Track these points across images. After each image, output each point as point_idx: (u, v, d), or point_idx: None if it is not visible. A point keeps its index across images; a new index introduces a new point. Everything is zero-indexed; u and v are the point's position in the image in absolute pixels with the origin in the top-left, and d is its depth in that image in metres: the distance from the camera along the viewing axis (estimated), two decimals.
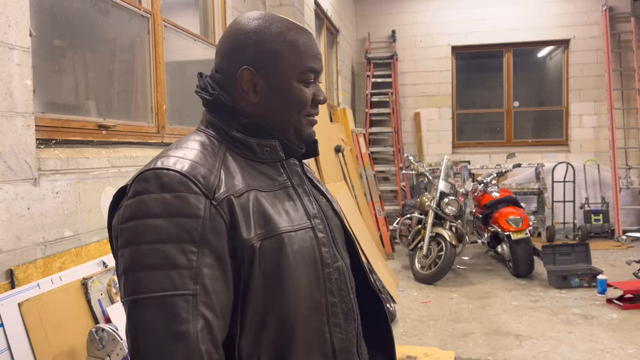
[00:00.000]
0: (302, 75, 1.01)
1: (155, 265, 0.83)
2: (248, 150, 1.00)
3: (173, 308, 0.82)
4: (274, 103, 1.01)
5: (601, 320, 4.29)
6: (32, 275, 1.89)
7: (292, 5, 4.78)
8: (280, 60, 1.00)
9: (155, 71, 3.01)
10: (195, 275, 0.83)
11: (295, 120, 1.03)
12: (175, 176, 0.87)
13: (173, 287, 0.82)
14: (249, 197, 0.93)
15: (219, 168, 0.93)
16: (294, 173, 1.06)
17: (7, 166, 1.82)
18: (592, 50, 8.11)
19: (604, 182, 7.80)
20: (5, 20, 1.84)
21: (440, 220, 5.78)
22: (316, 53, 1.04)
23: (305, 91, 1.02)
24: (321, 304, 0.97)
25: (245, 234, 0.90)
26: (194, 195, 0.87)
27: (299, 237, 0.95)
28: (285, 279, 0.92)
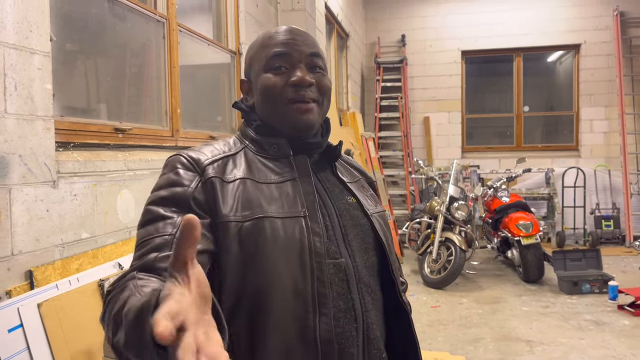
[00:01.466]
0: (267, 65, 1.09)
1: (148, 220, 0.98)
2: (260, 147, 1.10)
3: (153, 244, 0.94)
4: (257, 100, 1.12)
5: (613, 326, 4.27)
6: (50, 277, 1.92)
7: (303, 10, 4.81)
8: (252, 62, 1.14)
9: (170, 75, 3.04)
10: (174, 224, 0.96)
11: (279, 110, 1.08)
12: (180, 159, 1.05)
13: (157, 231, 0.95)
14: (239, 184, 1.03)
15: (219, 159, 1.07)
16: (302, 169, 1.09)
17: (27, 169, 1.85)
18: (603, 55, 8.08)
19: (614, 187, 7.76)
20: (27, 25, 1.88)
21: (450, 224, 5.77)
22: (282, 40, 1.09)
23: (272, 78, 1.07)
24: (306, 291, 0.97)
25: (223, 210, 1.00)
26: (188, 172, 1.03)
27: (285, 223, 1.00)
28: (262, 260, 0.97)
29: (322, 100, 1.11)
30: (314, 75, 1.09)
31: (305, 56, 1.09)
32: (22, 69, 1.85)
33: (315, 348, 0.96)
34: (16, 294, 1.77)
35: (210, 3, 3.98)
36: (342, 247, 1.04)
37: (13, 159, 1.80)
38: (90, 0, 2.47)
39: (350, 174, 1.23)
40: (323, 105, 1.12)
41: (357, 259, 1.06)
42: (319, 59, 1.11)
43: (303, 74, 1.07)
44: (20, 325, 1.70)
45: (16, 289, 1.79)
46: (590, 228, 7.53)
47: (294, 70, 1.07)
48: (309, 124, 1.08)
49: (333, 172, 1.17)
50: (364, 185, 1.24)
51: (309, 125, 1.08)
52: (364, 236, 1.10)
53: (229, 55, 4.00)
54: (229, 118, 4.06)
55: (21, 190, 1.83)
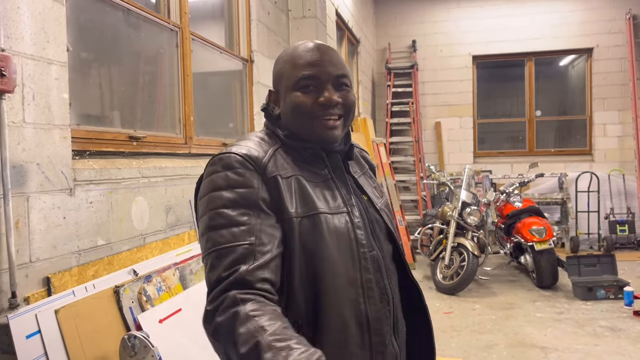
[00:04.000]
0: (297, 84, 1.15)
1: (221, 225, 1.03)
2: (295, 151, 1.18)
3: (235, 254, 1.00)
4: (286, 113, 1.18)
5: (628, 332, 4.22)
6: (67, 283, 1.94)
7: (314, 17, 4.84)
8: (281, 78, 1.20)
9: (183, 83, 3.08)
10: (251, 230, 1.03)
11: (307, 125, 1.15)
12: (235, 157, 1.09)
13: (235, 239, 1.02)
14: (293, 181, 1.11)
15: (270, 154, 1.13)
16: (336, 168, 1.20)
17: (45, 177, 1.88)
18: (616, 59, 8.02)
19: (629, 192, 7.67)
20: (45, 36, 1.91)
21: (462, 230, 5.75)
22: (310, 61, 1.15)
23: (301, 97, 1.15)
24: (356, 278, 1.10)
25: (290, 207, 1.08)
26: (249, 171, 1.07)
27: (335, 219, 1.11)
28: (321, 252, 1.07)
29: (348, 115, 1.20)
30: (341, 92, 1.17)
31: (333, 77, 1.16)
32: (39, 79, 1.88)
33: (368, 327, 1.10)
34: (34, 301, 1.80)
35: (223, 11, 4.02)
36: (372, 240, 1.17)
37: (31, 167, 1.83)
38: (106, 11, 2.51)
39: (359, 164, 1.34)
40: (348, 118, 1.21)
41: (384, 249, 1.20)
42: (346, 79, 1.18)
43: (330, 95, 1.14)
44: (38, 332, 1.72)
45: (34, 295, 1.82)
46: (604, 233, 7.45)
47: (322, 91, 1.15)
48: (335, 138, 1.17)
49: (347, 171, 1.25)
50: (371, 176, 1.36)
51: (335, 140, 1.18)
52: (380, 228, 1.23)
53: (240, 62, 4.03)
54: (241, 125, 4.09)
55: (39, 198, 1.86)
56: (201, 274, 2.60)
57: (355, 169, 1.30)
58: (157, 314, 2.17)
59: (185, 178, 2.83)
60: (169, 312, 2.24)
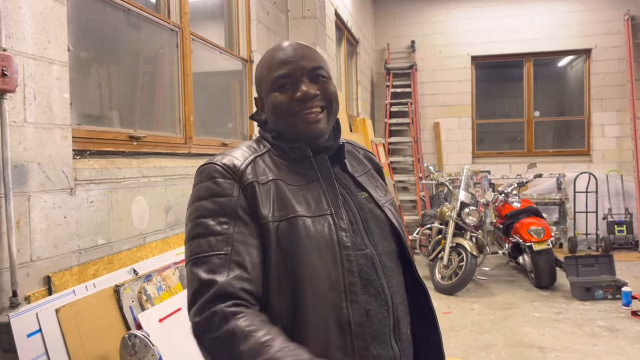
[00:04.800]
0: (273, 85, 1.16)
1: (200, 234, 1.05)
2: (281, 151, 1.18)
3: (210, 264, 1.02)
4: (269, 117, 1.20)
5: (626, 333, 4.23)
6: (68, 282, 1.95)
7: (314, 18, 4.84)
8: (261, 82, 1.21)
9: (183, 83, 3.08)
10: (228, 240, 1.04)
11: (289, 123, 1.16)
12: (214, 167, 1.11)
13: (211, 249, 1.03)
14: (271, 185, 1.11)
15: (250, 162, 1.13)
16: (322, 169, 1.18)
17: (45, 176, 1.89)
18: (614, 60, 8.04)
19: (627, 192, 7.69)
20: (46, 36, 1.92)
21: (461, 230, 5.76)
22: (283, 59, 1.16)
23: (279, 96, 1.15)
24: (338, 282, 1.08)
25: (263, 213, 1.08)
26: (227, 181, 1.09)
27: (315, 222, 1.09)
28: (299, 256, 1.06)
29: (330, 106, 1.18)
30: (318, 84, 1.16)
31: (307, 71, 1.16)
32: (40, 79, 1.89)
33: (350, 331, 1.08)
34: (35, 300, 1.81)
35: (222, 11, 4.02)
36: (365, 239, 1.15)
37: (32, 166, 1.84)
38: (106, 11, 2.51)
39: (360, 163, 1.32)
40: (332, 110, 1.19)
41: (379, 247, 1.17)
42: (321, 70, 1.18)
43: (307, 88, 1.14)
44: (39, 331, 1.73)
45: (35, 294, 1.82)
46: (602, 233, 7.47)
47: (298, 86, 1.15)
48: (319, 132, 1.16)
49: (344, 169, 1.24)
50: (374, 175, 1.33)
51: (319, 133, 1.16)
52: (381, 226, 1.21)
53: (240, 62, 4.04)
54: (240, 125, 4.09)
55: (40, 197, 1.86)
56: None
57: (355, 167, 1.28)
58: (157, 313, 2.18)
59: (185, 178, 2.84)
60: (169, 311, 2.24)
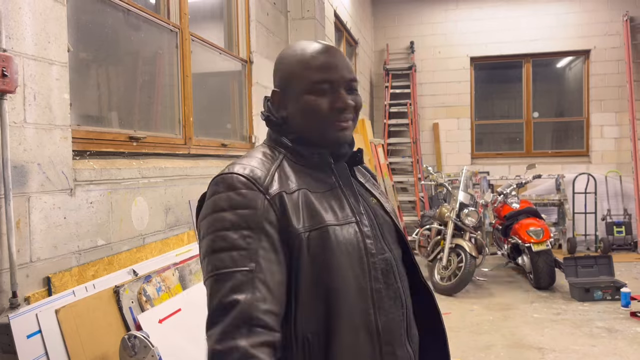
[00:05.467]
0: (312, 87, 1.13)
1: (222, 248, 1.01)
2: (301, 157, 1.15)
3: (234, 281, 0.98)
4: (296, 116, 1.16)
5: (625, 334, 4.24)
6: (67, 283, 1.95)
7: (313, 19, 4.85)
8: (292, 78, 1.16)
9: (182, 84, 3.08)
10: (251, 256, 1.00)
11: (321, 129, 1.14)
12: (238, 177, 1.06)
13: (234, 264, 0.99)
14: (299, 195, 1.08)
15: (273, 172, 1.10)
16: (342, 176, 1.18)
17: (45, 177, 1.89)
18: (613, 61, 8.06)
19: (626, 193, 7.71)
20: (46, 37, 1.92)
21: (460, 231, 5.76)
22: (325, 63, 1.14)
23: (317, 100, 1.13)
24: (366, 289, 1.09)
25: (295, 224, 1.05)
26: (252, 192, 1.04)
27: (343, 230, 1.09)
28: (331, 265, 1.06)
29: (356, 117, 1.21)
30: (351, 96, 1.17)
31: (346, 81, 1.16)
32: (40, 80, 1.89)
33: (378, 338, 1.09)
34: (34, 301, 1.81)
35: (222, 12, 4.02)
36: (383, 243, 1.16)
37: (32, 167, 1.84)
38: (106, 11, 2.51)
39: (362, 174, 1.33)
40: (356, 121, 1.21)
41: (394, 252, 1.19)
42: (356, 83, 1.20)
43: (346, 99, 1.14)
44: (38, 331, 1.72)
45: (34, 295, 1.82)
46: (601, 234, 7.48)
47: (337, 95, 1.14)
48: (347, 140, 1.18)
49: (354, 176, 1.25)
50: (375, 184, 1.35)
51: (348, 141, 1.19)
52: (390, 231, 1.22)
53: (240, 63, 4.04)
54: (239, 126, 4.09)
55: (39, 198, 1.86)
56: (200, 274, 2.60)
57: (359, 176, 1.30)
58: (156, 314, 2.18)
59: (184, 178, 2.84)
60: (169, 312, 2.24)
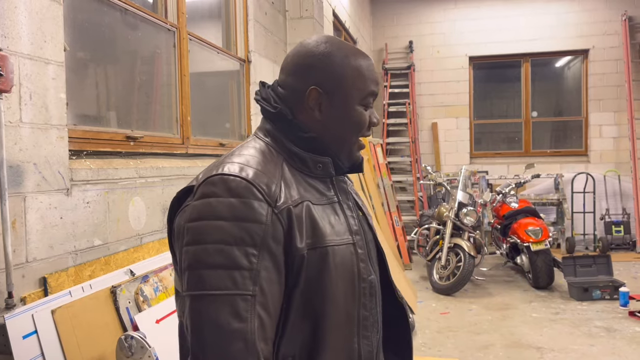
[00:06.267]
0: (364, 99, 1.08)
1: (220, 264, 0.88)
2: (302, 164, 1.05)
3: (234, 306, 0.87)
4: (335, 122, 1.06)
5: (624, 333, 4.24)
6: (64, 283, 1.94)
7: (311, 18, 4.84)
8: (344, 83, 1.05)
9: (180, 83, 3.07)
10: (254, 277, 0.89)
11: (350, 140, 1.09)
12: (242, 182, 0.93)
13: (235, 286, 0.88)
14: (302, 208, 0.98)
15: (279, 178, 0.99)
16: (341, 190, 1.11)
17: (42, 177, 1.88)
18: (611, 60, 8.05)
19: (624, 193, 7.71)
20: (42, 36, 1.91)
21: (459, 230, 5.76)
22: (376, 77, 1.11)
23: (364, 114, 1.08)
24: (353, 315, 1.03)
25: (298, 244, 0.95)
26: (258, 202, 0.92)
27: (341, 251, 1.00)
28: (326, 288, 0.98)
29: None
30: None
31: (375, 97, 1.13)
32: (36, 79, 1.88)
33: None
34: (30, 301, 1.80)
35: (220, 12, 4.02)
36: (370, 264, 1.09)
37: (28, 167, 1.83)
38: (103, 10, 2.50)
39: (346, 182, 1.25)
40: None
41: (377, 272, 1.12)
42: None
43: (378, 117, 1.12)
44: (34, 332, 1.72)
45: (30, 295, 1.81)
46: (600, 234, 7.48)
47: (372, 110, 1.11)
48: (361, 158, 1.14)
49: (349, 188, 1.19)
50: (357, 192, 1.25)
51: (361, 159, 1.14)
52: (373, 249, 1.15)
53: (238, 62, 4.03)
54: (238, 125, 4.09)
55: (35, 198, 1.85)
56: None
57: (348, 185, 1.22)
58: (154, 314, 2.17)
59: (182, 178, 2.83)
60: (166, 312, 2.23)
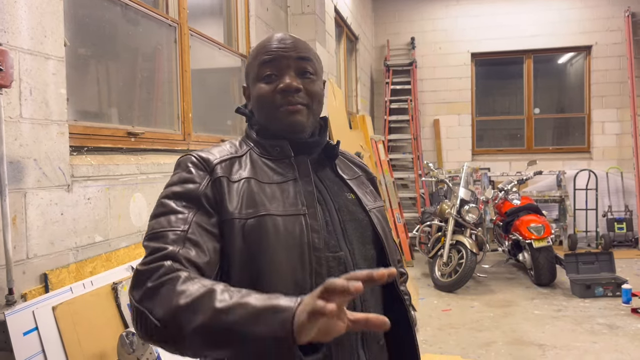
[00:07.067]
0: (258, 74, 1.16)
1: (161, 213, 1.06)
2: (264, 149, 1.18)
3: (166, 237, 1.01)
4: (254, 106, 1.20)
5: (626, 330, 4.23)
6: (65, 280, 1.93)
7: (313, 14, 4.82)
8: (249, 71, 1.21)
9: (181, 79, 3.06)
10: (186, 220, 1.04)
11: (271, 115, 1.16)
12: (190, 158, 1.13)
13: (169, 225, 1.03)
14: (242, 184, 1.10)
15: (227, 159, 1.14)
16: (303, 169, 1.16)
17: (42, 173, 1.87)
18: (614, 57, 8.02)
19: (627, 189, 7.68)
20: (42, 30, 1.90)
21: (461, 227, 5.75)
22: (271, 48, 1.16)
23: (264, 87, 1.15)
24: (305, 282, 1.05)
25: (229, 208, 1.07)
26: (197, 171, 1.11)
27: (286, 221, 1.08)
28: (264, 254, 1.05)
29: (312, 105, 1.17)
30: (303, 80, 1.15)
31: (294, 61, 1.15)
32: (36, 74, 1.87)
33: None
34: (31, 297, 1.79)
35: (221, 7, 4.00)
36: (341, 241, 1.12)
37: (28, 163, 1.82)
38: (104, 6, 2.49)
39: (351, 170, 1.31)
40: (313, 108, 1.17)
41: (356, 251, 1.14)
42: (308, 64, 1.16)
43: (291, 80, 1.13)
44: (35, 329, 1.71)
45: (31, 292, 1.81)
46: (602, 231, 7.47)
47: (283, 77, 1.14)
48: (298, 123, 1.15)
49: (333, 170, 1.24)
50: (364, 182, 1.31)
51: (299, 125, 1.15)
52: (362, 230, 1.18)
53: (239, 59, 4.02)
54: (239, 121, 4.07)
55: (36, 194, 1.84)
56: None
57: (345, 172, 1.27)
58: None
59: None
60: None
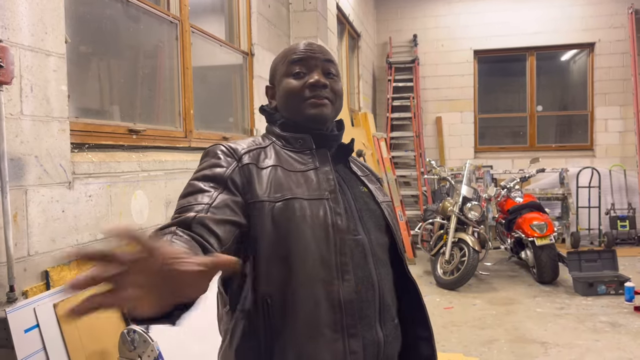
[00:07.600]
0: (287, 71, 1.27)
1: (189, 192, 1.12)
2: (287, 142, 1.27)
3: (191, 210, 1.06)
4: (281, 101, 1.30)
5: (629, 328, 4.21)
6: (66, 277, 1.93)
7: (315, 11, 4.80)
8: (276, 71, 1.32)
9: (182, 76, 3.05)
10: (211, 197, 1.10)
11: (298, 106, 1.25)
12: (220, 147, 1.22)
13: (195, 200, 1.09)
14: (270, 170, 1.19)
15: (252, 149, 1.23)
16: (323, 160, 1.26)
17: (43, 170, 1.87)
18: (617, 54, 7.99)
19: (630, 187, 7.66)
20: (43, 27, 1.89)
21: (463, 225, 5.73)
22: (300, 49, 1.28)
23: (293, 82, 1.26)
24: (331, 261, 1.14)
25: (258, 192, 1.15)
26: (226, 157, 1.19)
27: (312, 205, 1.16)
28: (292, 234, 1.12)
29: (335, 101, 1.29)
30: (328, 79, 1.27)
31: (321, 62, 1.27)
32: (37, 71, 1.86)
33: (340, 307, 1.13)
34: (32, 295, 1.79)
35: (223, 4, 3.99)
36: (359, 226, 1.22)
37: (29, 160, 1.81)
38: (105, 2, 2.48)
39: (361, 169, 1.42)
40: (336, 105, 1.29)
41: (372, 236, 1.23)
42: (332, 66, 1.29)
43: (319, 77, 1.25)
44: (36, 326, 1.71)
45: (32, 289, 1.80)
46: (605, 228, 7.44)
47: (311, 74, 1.26)
48: (324, 115, 1.25)
49: (347, 166, 1.34)
50: (373, 180, 1.42)
51: (324, 117, 1.25)
52: (375, 219, 1.27)
53: (241, 56, 4.00)
54: (241, 119, 4.07)
55: (37, 191, 1.84)
56: None
57: (356, 169, 1.37)
58: None
59: (185, 172, 2.82)
60: None
